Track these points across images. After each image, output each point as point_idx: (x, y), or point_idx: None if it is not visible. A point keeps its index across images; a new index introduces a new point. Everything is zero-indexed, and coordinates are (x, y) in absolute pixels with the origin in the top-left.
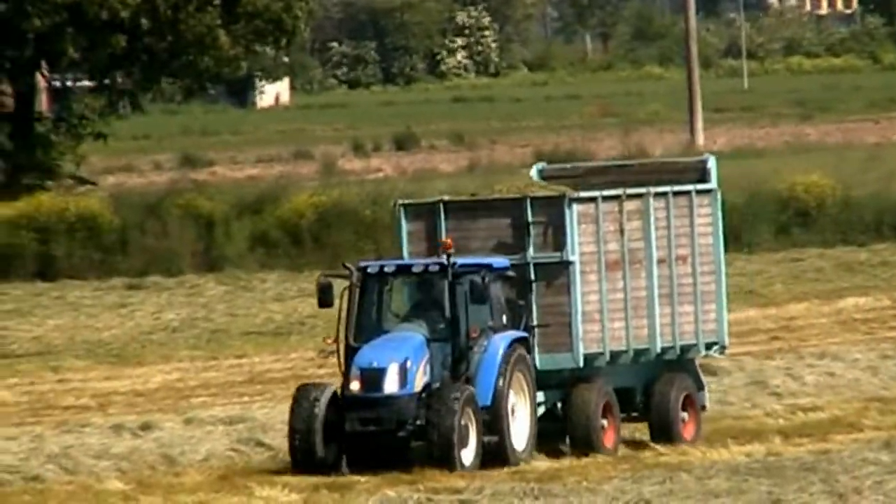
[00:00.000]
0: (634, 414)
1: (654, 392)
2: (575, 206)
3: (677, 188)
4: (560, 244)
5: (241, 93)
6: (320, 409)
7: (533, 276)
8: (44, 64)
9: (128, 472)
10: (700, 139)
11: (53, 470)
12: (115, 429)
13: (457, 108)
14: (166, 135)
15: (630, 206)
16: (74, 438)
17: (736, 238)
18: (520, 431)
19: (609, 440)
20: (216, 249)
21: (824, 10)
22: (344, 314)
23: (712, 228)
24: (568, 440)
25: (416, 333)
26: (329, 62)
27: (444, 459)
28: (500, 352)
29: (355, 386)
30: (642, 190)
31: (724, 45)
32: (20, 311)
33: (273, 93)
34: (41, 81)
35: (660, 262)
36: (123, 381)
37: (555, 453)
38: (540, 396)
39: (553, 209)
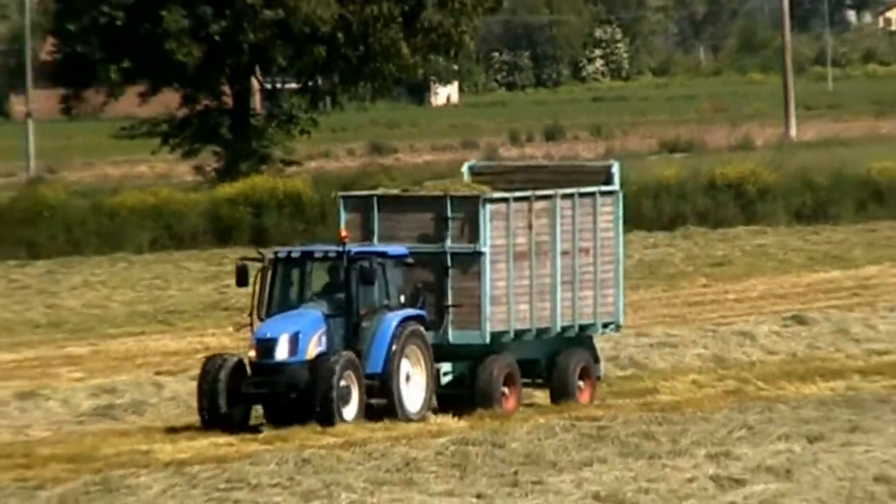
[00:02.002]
0: (539, 381)
1: (555, 363)
2: (488, 205)
3: (583, 190)
4: (474, 237)
5: (419, 93)
6: (224, 374)
7: (450, 264)
8: (257, 69)
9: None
10: (793, 131)
11: None
12: None
13: (595, 106)
14: (358, 127)
15: (539, 205)
16: None
17: (824, 213)
18: (414, 396)
19: (510, 405)
20: None
21: (894, 25)
22: (257, 293)
23: (613, 224)
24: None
25: (314, 310)
26: (491, 68)
27: (325, 416)
28: (392, 327)
29: (252, 354)
30: (550, 192)
31: (813, 55)
32: None
33: (445, 94)
34: (255, 84)
35: (564, 253)
36: None
37: (676, 389)
38: (448, 367)
39: (469, 206)
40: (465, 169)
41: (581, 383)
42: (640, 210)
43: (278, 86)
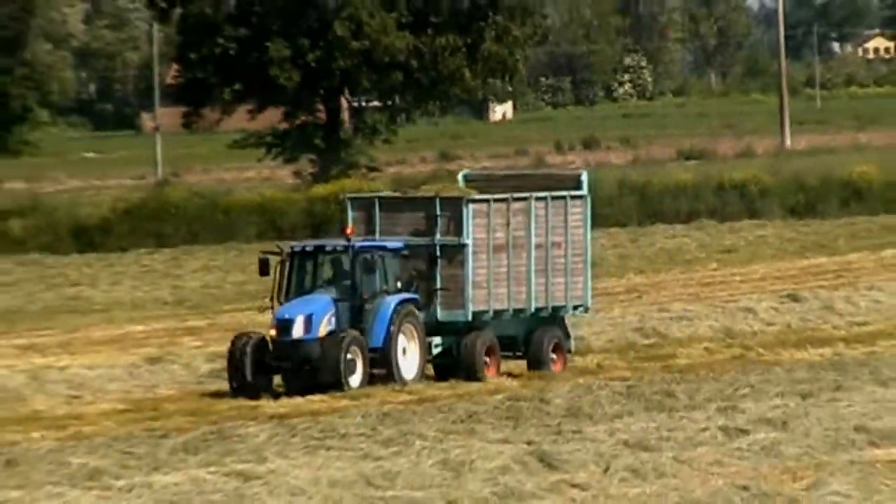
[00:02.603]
0: (519, 354)
1: (531, 339)
2: (471, 205)
3: (555, 193)
4: (458, 232)
5: (480, 110)
6: (249, 350)
7: (438, 254)
8: (346, 90)
9: None
10: (788, 142)
11: None
12: None
13: (624, 121)
14: (429, 139)
15: (516, 205)
16: None
17: (813, 209)
18: (409, 365)
19: (491, 372)
20: None
21: (872, 54)
22: (276, 281)
23: (582, 223)
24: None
25: (324, 295)
26: (538, 90)
27: (335, 384)
28: (390, 308)
29: (273, 332)
30: (526, 195)
31: (804, 79)
32: None
33: (501, 111)
34: (344, 102)
35: (538, 246)
36: None
37: (691, 354)
38: (438, 340)
39: (455, 206)
40: (460, 176)
41: (554, 356)
42: (661, 207)
43: (363, 104)
